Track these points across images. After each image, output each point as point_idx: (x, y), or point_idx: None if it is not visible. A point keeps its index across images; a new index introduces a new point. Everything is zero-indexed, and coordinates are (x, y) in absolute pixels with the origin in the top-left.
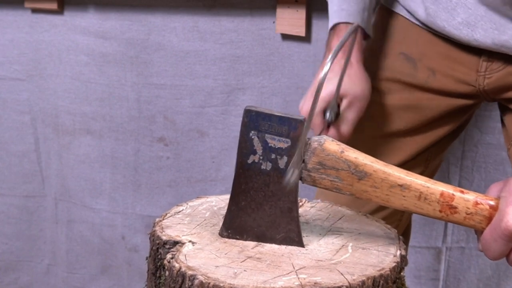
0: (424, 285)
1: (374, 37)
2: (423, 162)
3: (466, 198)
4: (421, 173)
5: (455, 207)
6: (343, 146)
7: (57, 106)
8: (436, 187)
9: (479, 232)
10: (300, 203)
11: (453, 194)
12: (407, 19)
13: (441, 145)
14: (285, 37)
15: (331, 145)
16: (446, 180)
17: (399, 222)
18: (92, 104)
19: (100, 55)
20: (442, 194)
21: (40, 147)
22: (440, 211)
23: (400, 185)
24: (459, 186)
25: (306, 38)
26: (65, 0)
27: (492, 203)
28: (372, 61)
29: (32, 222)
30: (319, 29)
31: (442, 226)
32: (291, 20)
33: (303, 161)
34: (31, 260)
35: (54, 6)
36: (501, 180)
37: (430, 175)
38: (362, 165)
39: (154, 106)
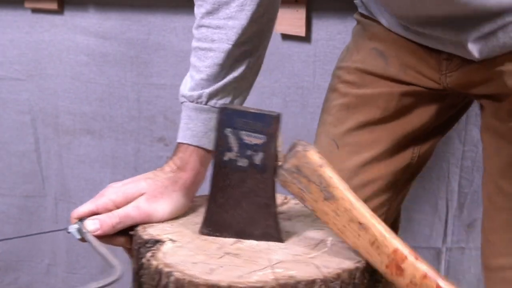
0: None
1: (352, 37)
2: (410, 151)
3: (417, 267)
4: (409, 163)
5: (402, 270)
6: (325, 162)
7: (57, 106)
8: (393, 241)
9: None
10: (285, 200)
11: (406, 257)
12: (377, 21)
13: (428, 133)
14: (285, 37)
15: (314, 155)
16: (446, 180)
17: (386, 215)
18: (92, 104)
19: (100, 55)
20: (395, 251)
21: (40, 147)
22: (387, 267)
23: (360, 223)
24: (459, 186)
25: (306, 38)
26: (65, 0)
27: (442, 284)
28: (348, 57)
29: (32, 222)
30: (319, 29)
31: (442, 227)
32: (291, 20)
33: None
34: (31, 260)
35: (54, 6)
36: None
37: (416, 170)
38: (333, 187)
39: (154, 106)
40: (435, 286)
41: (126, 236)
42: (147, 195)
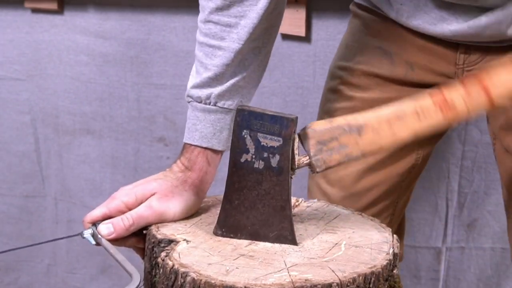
0: (424, 285)
1: (350, 32)
2: (414, 154)
3: (453, 87)
4: (414, 165)
5: (452, 101)
6: (328, 119)
7: (57, 106)
8: (423, 98)
9: None
10: (296, 203)
11: (441, 93)
12: (383, 14)
13: (430, 138)
14: (285, 37)
15: (317, 123)
16: (446, 180)
17: (392, 216)
18: (92, 104)
19: (100, 55)
20: (434, 100)
21: (40, 147)
22: (442, 113)
23: (397, 117)
24: (459, 186)
25: (306, 38)
26: (65, 0)
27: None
28: (349, 56)
29: (32, 222)
30: (319, 29)
31: (442, 227)
32: (291, 20)
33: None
34: (31, 260)
35: (54, 6)
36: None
37: (420, 171)
38: (353, 120)
39: (154, 106)
40: (483, 88)
41: (137, 236)
42: (158, 194)
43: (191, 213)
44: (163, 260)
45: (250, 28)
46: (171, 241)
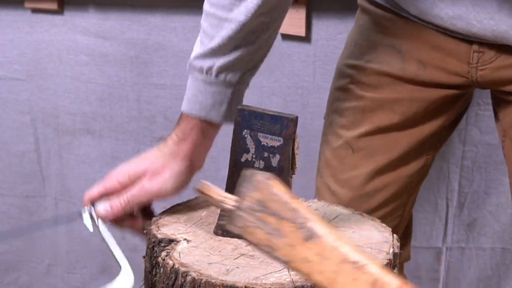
0: (424, 285)
1: (358, 29)
2: (424, 155)
3: None
4: (423, 166)
5: None
6: (291, 193)
7: (57, 106)
8: (393, 277)
9: None
10: None
11: None
12: (394, 11)
13: (441, 135)
14: (285, 37)
15: (281, 185)
16: (446, 180)
17: (401, 218)
18: (92, 104)
19: (100, 55)
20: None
21: (40, 147)
22: None
23: (354, 262)
24: (459, 186)
25: (306, 38)
26: (65, 0)
27: None
28: (359, 54)
29: (32, 222)
30: (319, 29)
31: (442, 226)
32: (291, 20)
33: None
34: (31, 260)
35: (54, 6)
36: (502, 180)
37: (428, 171)
38: (314, 222)
39: (154, 106)
40: None
41: (133, 218)
42: (150, 172)
43: (184, 185)
44: (163, 260)
45: (260, 1)
46: (171, 241)
